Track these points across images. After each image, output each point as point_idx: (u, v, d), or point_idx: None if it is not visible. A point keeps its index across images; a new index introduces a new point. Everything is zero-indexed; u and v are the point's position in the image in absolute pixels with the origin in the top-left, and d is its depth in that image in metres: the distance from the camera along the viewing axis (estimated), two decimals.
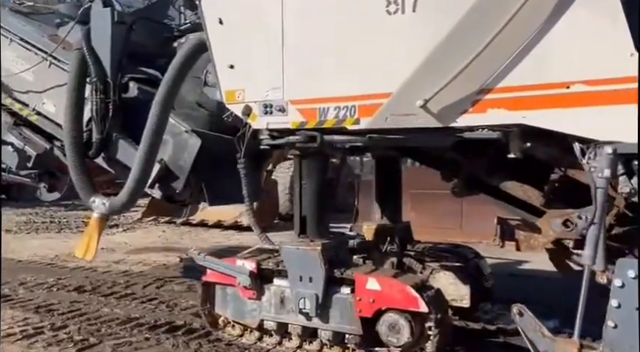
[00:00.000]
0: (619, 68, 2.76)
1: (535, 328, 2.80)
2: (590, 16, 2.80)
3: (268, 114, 3.59)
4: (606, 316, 2.63)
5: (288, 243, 3.69)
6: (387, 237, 4.63)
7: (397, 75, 3.16)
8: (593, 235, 2.64)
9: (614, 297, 2.57)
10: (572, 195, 3.22)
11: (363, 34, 3.26)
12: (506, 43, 2.93)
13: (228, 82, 3.74)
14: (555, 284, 6.17)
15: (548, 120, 2.92)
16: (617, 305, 2.56)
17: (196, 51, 4.12)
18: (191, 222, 11.58)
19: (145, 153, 4.21)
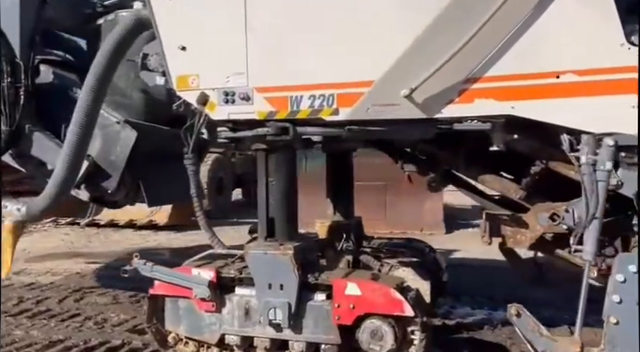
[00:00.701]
0: (610, 58, 2.71)
1: (533, 328, 2.70)
2: (581, 4, 2.72)
3: (229, 103, 3.17)
4: (605, 311, 2.58)
5: (254, 247, 3.31)
6: (342, 234, 4.40)
7: (380, 61, 2.90)
8: (595, 230, 2.58)
9: (616, 293, 2.53)
10: (552, 188, 3.17)
11: (342, 14, 2.95)
12: (495, 30, 2.78)
13: (179, 66, 3.26)
14: (484, 274, 6.36)
15: (537, 110, 2.82)
16: (619, 301, 2.52)
17: (134, 30, 3.56)
18: (98, 222, 10.59)
19: (72, 149, 3.57)
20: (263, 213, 3.32)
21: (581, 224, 2.73)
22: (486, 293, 5.38)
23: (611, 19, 2.70)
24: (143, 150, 4.10)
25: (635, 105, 2.68)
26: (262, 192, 3.31)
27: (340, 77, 2.97)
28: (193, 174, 3.60)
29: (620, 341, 2.52)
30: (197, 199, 3.64)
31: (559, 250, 3.06)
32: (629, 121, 2.68)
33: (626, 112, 2.70)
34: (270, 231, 3.32)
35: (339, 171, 4.74)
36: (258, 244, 3.32)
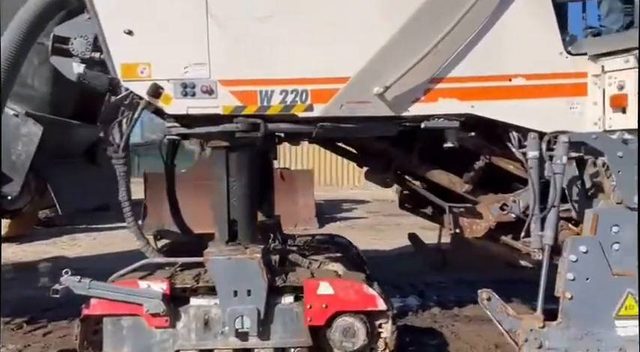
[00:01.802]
0: (551, 65, 3.07)
1: (501, 310, 2.94)
2: (528, 15, 3.04)
3: (189, 96, 2.88)
4: (560, 288, 2.92)
5: (216, 252, 3.05)
6: (269, 234, 4.29)
7: (356, 58, 2.90)
8: (554, 217, 2.90)
9: (570, 271, 2.87)
10: (494, 181, 3.48)
11: (312, 8, 2.88)
12: (458, 35, 2.97)
13: (124, 53, 2.86)
14: (376, 264, 6.72)
15: (493, 110, 3.09)
16: (573, 278, 2.87)
17: (54, 6, 3.02)
18: None
19: None
20: (223, 216, 3.08)
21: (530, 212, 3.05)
22: (392, 283, 5.69)
23: (552, 30, 3.06)
24: (50, 147, 3.50)
25: (574, 106, 3.08)
26: (222, 193, 3.07)
27: (315, 72, 2.89)
28: (124, 175, 3.21)
29: (574, 314, 2.88)
30: (128, 204, 3.26)
31: (503, 237, 3.37)
32: (568, 121, 3.08)
33: (565, 113, 3.09)
34: (232, 235, 3.09)
35: (260, 171, 4.58)
36: (219, 249, 3.07)
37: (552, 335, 2.88)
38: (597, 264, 2.86)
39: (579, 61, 3.08)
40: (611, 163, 2.86)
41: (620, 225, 2.87)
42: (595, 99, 3.06)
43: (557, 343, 2.89)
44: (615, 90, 2.95)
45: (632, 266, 2.86)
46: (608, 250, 2.88)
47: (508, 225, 3.36)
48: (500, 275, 5.32)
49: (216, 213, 3.14)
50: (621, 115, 2.94)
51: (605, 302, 2.88)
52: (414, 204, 4.87)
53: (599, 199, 3.07)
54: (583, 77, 3.08)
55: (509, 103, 3.07)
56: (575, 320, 2.88)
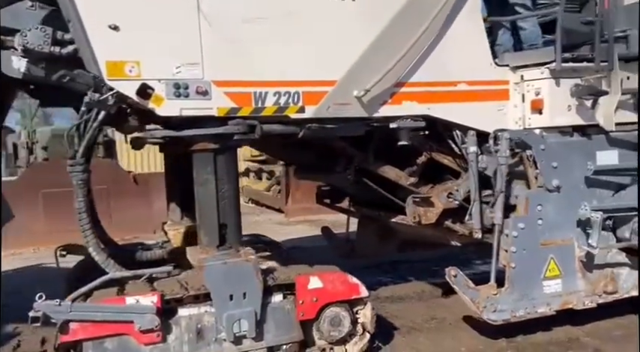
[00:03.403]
0: (485, 73, 3.65)
1: (465, 284, 3.42)
2: (466, 31, 3.56)
3: (182, 97, 2.76)
4: (504, 260, 3.50)
5: (211, 258, 2.95)
6: None
7: (343, 63, 3.09)
8: (501, 201, 3.46)
9: (512, 245, 3.47)
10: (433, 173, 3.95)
11: (304, 13, 2.99)
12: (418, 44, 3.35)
13: (110, 50, 2.61)
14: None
15: (443, 111, 3.55)
16: (515, 251, 3.47)
17: None
18: None
19: None
20: (213, 220, 3.00)
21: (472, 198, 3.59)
22: None
23: (483, 44, 3.64)
24: None
25: (500, 108, 3.70)
26: (211, 197, 2.99)
27: (307, 75, 3.00)
28: (82, 184, 2.97)
29: (517, 280, 3.49)
30: (84, 215, 3.00)
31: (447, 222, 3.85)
32: (497, 120, 3.67)
33: (495, 114, 3.69)
34: (222, 239, 3.03)
35: (182, 174, 4.45)
36: (212, 255, 2.99)
37: (502, 299, 3.45)
38: (531, 237, 3.51)
39: (503, 70, 3.70)
40: (537, 155, 3.52)
41: (542, 204, 3.55)
42: (515, 103, 3.71)
43: (505, 306, 3.47)
44: (533, 95, 3.62)
45: (553, 237, 3.57)
46: (535, 225, 3.54)
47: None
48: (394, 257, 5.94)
49: (203, 218, 3.04)
50: (538, 116, 3.62)
51: (536, 268, 3.54)
52: (331, 198, 5.22)
53: (517, 185, 3.72)
54: (506, 84, 3.71)
55: (456, 106, 3.56)
56: (517, 286, 3.49)
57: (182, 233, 4.25)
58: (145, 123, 2.96)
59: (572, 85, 3.59)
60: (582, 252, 3.61)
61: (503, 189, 3.45)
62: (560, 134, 3.65)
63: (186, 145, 2.99)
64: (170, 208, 4.50)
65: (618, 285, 3.72)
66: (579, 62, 3.57)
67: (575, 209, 3.58)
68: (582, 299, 3.64)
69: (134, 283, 3.10)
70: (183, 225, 4.30)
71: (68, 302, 2.67)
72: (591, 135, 3.70)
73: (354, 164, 3.70)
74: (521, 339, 3.72)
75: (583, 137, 3.69)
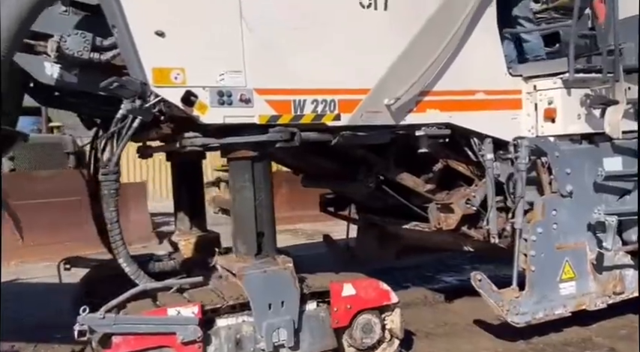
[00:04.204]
0: (500, 83, 3.78)
1: (489, 288, 3.50)
2: (482, 42, 3.69)
3: (225, 104, 2.74)
4: (520, 264, 3.62)
5: (250, 267, 2.92)
6: (214, 249, 4.19)
7: (375, 71, 3.15)
8: (521, 207, 3.57)
9: (532, 249, 3.58)
10: (449, 180, 4.04)
11: (340, 23, 3.04)
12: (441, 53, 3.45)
13: (156, 57, 2.58)
14: None
15: (463, 119, 3.65)
16: (534, 255, 3.59)
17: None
18: None
19: None
20: (251, 228, 2.97)
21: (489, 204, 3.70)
22: None
23: (499, 55, 3.77)
24: None
25: (514, 117, 3.83)
26: (248, 205, 2.96)
27: (343, 83, 3.04)
28: (114, 194, 2.89)
29: (536, 283, 3.60)
30: (116, 226, 2.93)
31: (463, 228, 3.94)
32: (511, 128, 3.81)
33: (509, 122, 3.82)
34: (259, 248, 3.01)
35: (189, 183, 4.41)
36: (249, 263, 2.96)
37: (524, 302, 3.56)
38: (547, 241, 3.63)
39: (516, 80, 3.84)
40: (552, 161, 3.67)
41: (557, 209, 3.69)
42: (528, 112, 3.85)
43: (526, 308, 3.58)
44: (546, 104, 3.77)
45: (567, 241, 3.71)
46: (551, 229, 3.67)
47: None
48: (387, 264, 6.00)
49: (240, 226, 3.01)
50: (551, 124, 3.77)
51: (553, 271, 3.67)
52: (336, 206, 5.26)
53: (530, 190, 3.85)
54: (519, 94, 3.85)
55: (475, 114, 3.66)
56: (536, 288, 3.60)
57: (193, 243, 4.21)
58: (181, 131, 2.92)
59: (583, 95, 3.76)
60: (593, 254, 3.76)
61: (524, 194, 3.57)
62: (571, 141, 3.81)
63: (224, 153, 2.96)
64: (178, 218, 4.44)
65: (625, 286, 3.89)
66: (589, 73, 3.74)
67: (586, 213, 3.74)
68: (594, 300, 3.80)
69: (164, 294, 3.03)
70: (193, 235, 4.25)
71: (112, 315, 2.59)
72: (598, 142, 3.88)
73: (374, 172, 3.74)
74: (537, 340, 3.83)
75: (591, 144, 3.87)
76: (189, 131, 2.83)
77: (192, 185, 4.39)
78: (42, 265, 8.39)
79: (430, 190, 3.92)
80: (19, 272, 7.88)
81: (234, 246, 3.11)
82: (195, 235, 4.25)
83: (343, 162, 3.81)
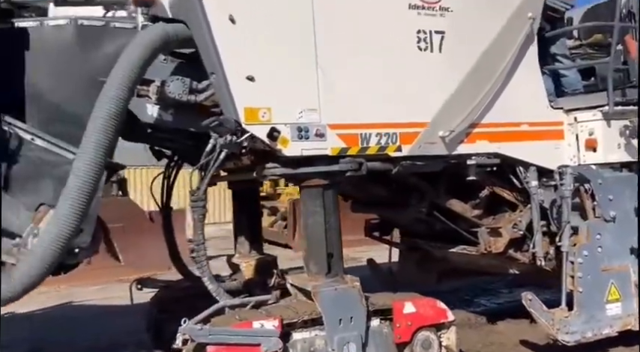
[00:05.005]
0: (542, 115, 4.07)
1: (540, 308, 3.72)
2: (526, 78, 3.99)
3: (303, 139, 3.09)
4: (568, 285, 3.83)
5: (323, 285, 3.22)
6: (272, 271, 4.48)
7: (431, 106, 3.47)
8: (567, 230, 3.81)
9: (579, 271, 3.81)
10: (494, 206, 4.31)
11: (401, 64, 3.38)
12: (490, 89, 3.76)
13: (247, 98, 2.94)
14: None
15: (510, 149, 3.93)
16: (581, 276, 3.81)
17: (159, 49, 2.92)
18: None
19: (81, 195, 2.60)
20: (322, 249, 3.27)
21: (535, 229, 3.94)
22: None
23: (540, 89, 4.07)
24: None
25: (558, 147, 4.11)
26: (320, 228, 3.27)
27: (404, 118, 3.37)
28: (201, 218, 3.23)
29: (584, 304, 3.81)
30: (202, 247, 3.26)
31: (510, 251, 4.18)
32: (554, 158, 4.07)
33: (553, 152, 4.09)
34: (329, 267, 3.31)
35: (248, 209, 4.74)
36: (321, 281, 3.25)
37: (573, 322, 3.76)
38: (593, 264, 3.85)
39: (558, 113, 4.13)
40: (595, 188, 3.91)
41: (601, 233, 3.92)
42: (570, 142, 4.12)
43: (575, 327, 3.77)
44: (587, 135, 4.04)
45: (611, 263, 3.92)
46: (596, 253, 3.89)
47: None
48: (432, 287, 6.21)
49: (312, 248, 3.31)
50: (593, 153, 4.03)
51: (599, 292, 3.87)
52: (381, 231, 5.53)
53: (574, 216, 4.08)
54: (561, 125, 4.13)
55: (520, 144, 3.94)
56: (585, 309, 3.81)
57: (253, 265, 4.51)
58: (260, 162, 3.27)
59: (622, 126, 4.02)
60: (636, 276, 3.96)
61: (569, 219, 3.81)
62: (612, 169, 4.06)
63: (297, 181, 3.30)
64: (238, 242, 4.75)
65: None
66: (627, 105, 4.01)
67: (629, 237, 3.96)
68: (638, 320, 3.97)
69: (241, 310, 3.33)
70: (252, 258, 4.56)
71: (208, 327, 2.89)
72: (637, 170, 4.12)
73: (426, 198, 4.02)
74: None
75: (631, 172, 4.11)
76: (267, 162, 3.17)
77: (250, 211, 4.74)
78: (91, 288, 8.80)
79: (477, 215, 4.19)
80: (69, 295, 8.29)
81: (305, 266, 3.41)
82: (255, 258, 4.55)
83: (396, 190, 4.10)
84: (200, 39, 2.90)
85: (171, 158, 4.47)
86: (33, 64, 2.97)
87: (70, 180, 2.61)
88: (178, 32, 2.96)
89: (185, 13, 2.95)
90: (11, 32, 2.93)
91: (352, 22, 3.25)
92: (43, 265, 2.56)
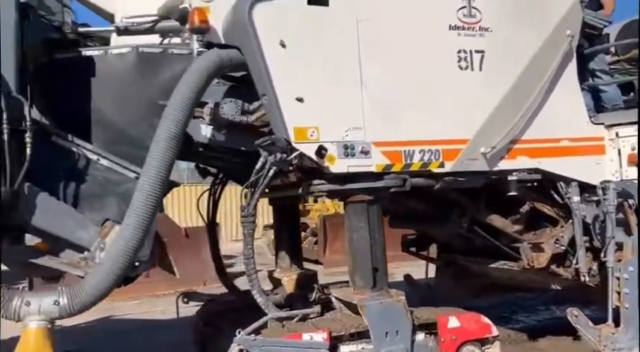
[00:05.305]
0: (582, 130, 4.09)
1: (586, 323, 3.71)
2: (565, 94, 4.03)
3: (349, 156, 3.20)
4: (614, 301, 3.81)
5: (369, 298, 3.30)
6: (312, 285, 4.55)
7: (472, 123, 3.55)
8: (612, 245, 3.81)
9: (625, 286, 3.78)
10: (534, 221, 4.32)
11: (442, 83, 3.48)
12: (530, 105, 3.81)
13: (297, 118, 3.09)
14: None
15: (551, 165, 3.96)
16: (627, 292, 3.78)
17: (215, 73, 3.10)
18: None
19: (145, 210, 2.77)
20: (367, 264, 3.36)
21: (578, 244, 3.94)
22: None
23: (581, 105, 4.10)
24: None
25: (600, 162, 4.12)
26: (364, 243, 3.36)
27: (446, 135, 3.46)
28: (251, 233, 3.35)
29: (631, 320, 3.77)
30: (252, 261, 3.38)
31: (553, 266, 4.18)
32: (596, 173, 4.08)
33: (594, 167, 4.10)
34: (375, 281, 3.39)
35: (288, 223, 4.86)
36: (368, 296, 3.32)
37: (620, 339, 3.73)
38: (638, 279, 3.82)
39: (599, 128, 4.15)
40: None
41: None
42: (611, 157, 4.13)
43: (622, 344, 3.74)
44: (629, 150, 4.05)
45: None
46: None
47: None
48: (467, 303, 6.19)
49: (357, 262, 3.40)
50: (635, 168, 4.03)
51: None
52: (418, 246, 5.58)
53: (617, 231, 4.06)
54: (602, 140, 4.15)
55: (561, 160, 3.97)
56: (631, 325, 3.77)
57: (294, 279, 4.62)
58: (306, 178, 3.39)
59: None
60: None
61: (614, 234, 3.81)
62: None
63: (342, 197, 3.40)
64: (279, 256, 4.87)
65: None
66: None
67: None
68: None
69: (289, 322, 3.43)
70: (294, 272, 4.67)
71: (261, 338, 3.00)
72: None
73: (467, 214, 4.08)
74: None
75: None
76: (314, 179, 3.29)
77: (291, 227, 4.86)
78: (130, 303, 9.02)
79: (518, 231, 4.21)
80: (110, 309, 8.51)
81: (351, 280, 3.49)
82: (296, 272, 4.66)
83: (436, 205, 4.16)
84: (253, 63, 3.06)
85: (216, 175, 4.64)
86: (98, 90, 3.18)
87: (136, 196, 2.79)
88: (232, 57, 3.14)
89: (239, 39, 3.12)
90: (79, 60, 3.15)
91: (395, 44, 3.37)
92: (112, 277, 2.72)
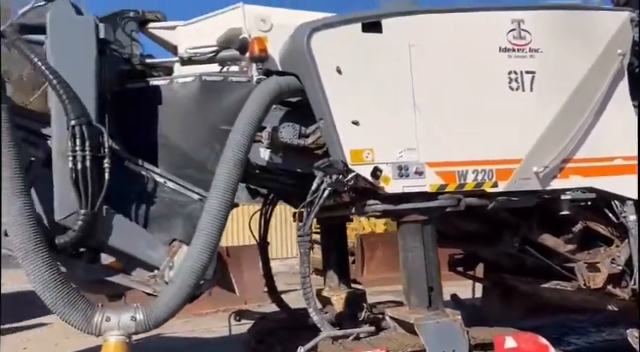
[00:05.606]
0: (635, 149, 4.04)
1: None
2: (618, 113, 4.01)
3: (404, 177, 3.28)
4: None
5: (425, 318, 3.34)
6: (361, 304, 4.59)
7: (525, 143, 3.58)
8: None
9: None
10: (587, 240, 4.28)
11: (494, 104, 3.54)
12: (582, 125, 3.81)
13: (352, 141, 3.20)
14: None
15: (604, 184, 3.93)
16: None
17: (275, 99, 3.26)
18: None
19: (212, 232, 2.92)
20: (422, 283, 3.40)
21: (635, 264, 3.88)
22: None
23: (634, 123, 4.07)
24: None
25: None
26: (419, 263, 3.41)
27: (499, 155, 3.50)
28: (307, 252, 3.43)
29: None
30: (308, 280, 3.45)
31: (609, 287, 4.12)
32: None
33: None
34: (430, 300, 3.42)
35: (336, 242, 4.94)
36: (423, 315, 3.36)
37: None
38: None
39: None
40: None
41: None
42: None
43: None
44: None
45: None
46: None
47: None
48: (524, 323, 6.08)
49: (412, 281, 3.45)
50: None
51: None
52: (465, 266, 5.56)
53: None
54: None
55: (614, 178, 3.94)
56: None
57: (343, 298, 4.68)
58: (360, 199, 3.48)
59: None
60: None
61: None
62: None
63: (396, 217, 3.48)
64: (328, 276, 4.95)
65: None
66: None
67: None
68: None
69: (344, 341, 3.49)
70: (342, 291, 4.73)
71: None
72: None
73: (519, 233, 4.08)
74: None
75: None
76: (368, 199, 3.38)
77: (339, 246, 4.94)
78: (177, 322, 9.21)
79: (570, 250, 4.17)
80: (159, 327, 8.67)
81: (406, 299, 3.54)
82: (345, 291, 4.72)
83: (487, 225, 4.18)
84: (311, 89, 3.20)
85: (267, 196, 4.78)
86: (164, 117, 3.38)
87: (203, 217, 2.93)
88: (290, 84, 3.29)
89: (296, 66, 3.28)
90: (147, 89, 3.36)
91: (446, 67, 3.46)
92: (182, 295, 2.86)
